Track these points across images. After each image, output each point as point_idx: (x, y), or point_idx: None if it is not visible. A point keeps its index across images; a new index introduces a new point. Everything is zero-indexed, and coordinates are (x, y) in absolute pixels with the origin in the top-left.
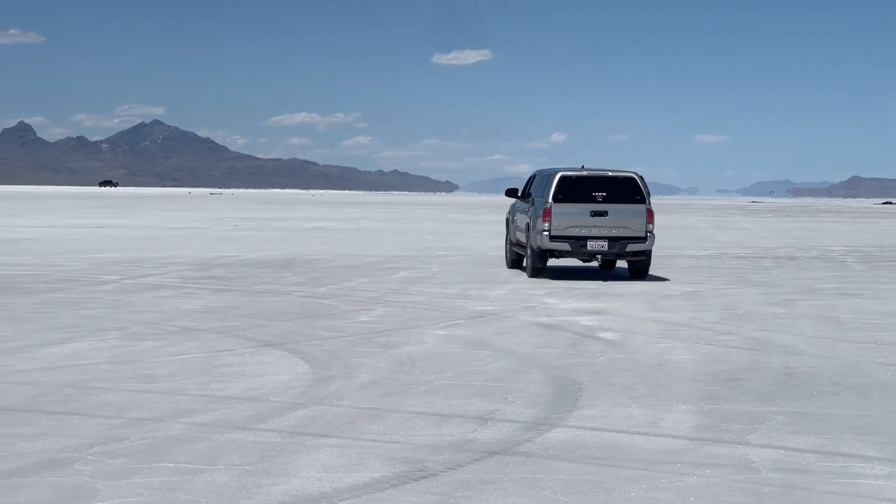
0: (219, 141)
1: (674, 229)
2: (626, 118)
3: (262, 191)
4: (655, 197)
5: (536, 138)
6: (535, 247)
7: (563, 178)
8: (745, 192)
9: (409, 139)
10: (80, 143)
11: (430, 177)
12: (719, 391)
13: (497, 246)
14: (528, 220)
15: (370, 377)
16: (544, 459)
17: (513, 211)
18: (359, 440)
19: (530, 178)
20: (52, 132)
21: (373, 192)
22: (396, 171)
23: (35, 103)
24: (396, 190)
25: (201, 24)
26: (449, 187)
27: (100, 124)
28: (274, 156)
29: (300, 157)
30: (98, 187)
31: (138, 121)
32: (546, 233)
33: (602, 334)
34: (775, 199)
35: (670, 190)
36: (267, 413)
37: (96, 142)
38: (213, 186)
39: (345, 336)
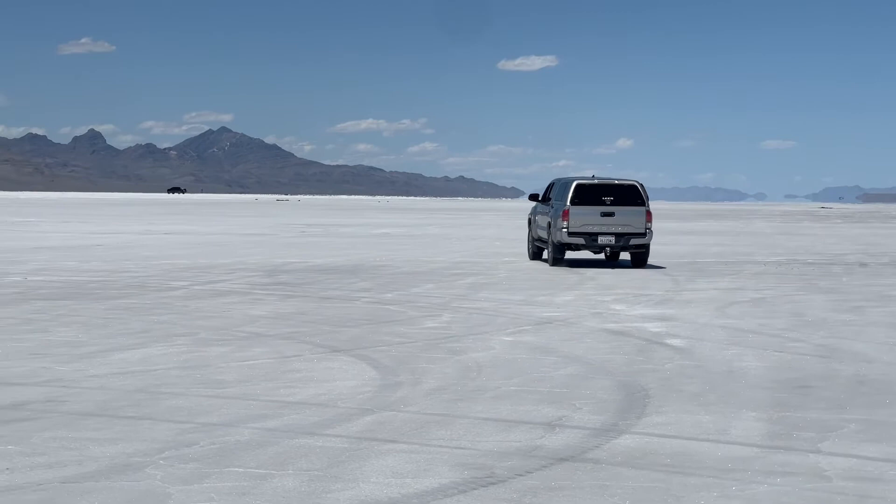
0: (285, 147)
1: (742, 235)
2: (692, 123)
3: (328, 197)
4: (723, 203)
5: (602, 144)
6: (555, 241)
7: (578, 186)
8: (814, 197)
9: (474, 145)
10: (148, 150)
11: (495, 182)
12: (789, 398)
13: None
14: (548, 220)
15: (437, 383)
16: (613, 466)
17: (534, 212)
18: (427, 446)
19: (549, 185)
20: (122, 139)
21: (438, 198)
22: (462, 176)
23: (105, 111)
24: (462, 196)
25: (268, 33)
26: (514, 193)
27: (168, 131)
28: (340, 162)
29: (366, 163)
30: (166, 194)
31: (206, 128)
32: (565, 229)
33: (670, 341)
34: (845, 205)
35: (738, 196)
36: (335, 418)
37: (165, 149)
38: (280, 193)
39: (412, 342)
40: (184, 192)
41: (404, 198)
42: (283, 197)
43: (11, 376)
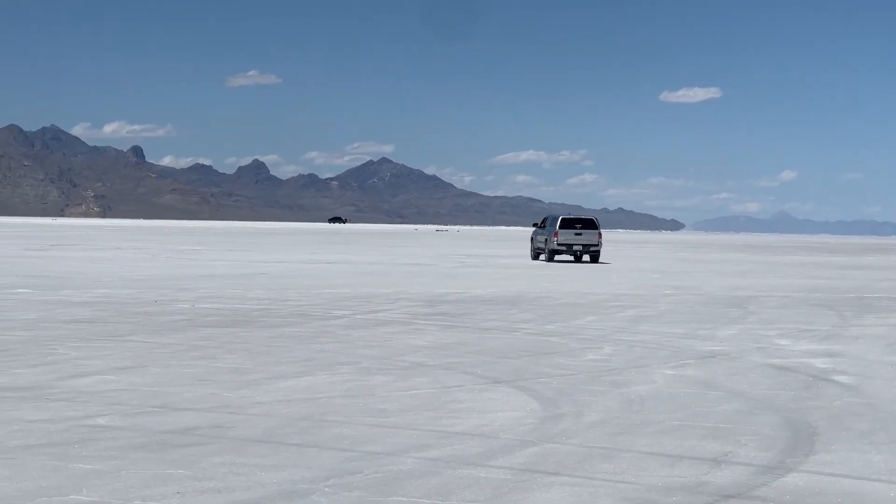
0: (445, 178)
1: None
2: (860, 155)
3: (487, 228)
4: (891, 237)
5: (764, 176)
6: (549, 249)
7: (563, 219)
8: None
9: (634, 177)
10: (310, 180)
11: (655, 215)
12: None
13: (728, 285)
14: (545, 237)
15: (600, 416)
16: None
17: (535, 234)
18: (590, 479)
19: (544, 218)
20: (285, 170)
21: None
22: (621, 208)
23: (270, 142)
24: (621, 228)
25: (431, 65)
26: (674, 226)
27: (330, 162)
28: (500, 193)
29: (525, 194)
30: (327, 223)
31: (367, 158)
32: (555, 242)
33: (837, 377)
34: None
35: None
36: (497, 450)
37: (326, 179)
38: (440, 223)
39: (573, 374)
40: (345, 221)
41: None
42: (443, 227)
43: (181, 402)
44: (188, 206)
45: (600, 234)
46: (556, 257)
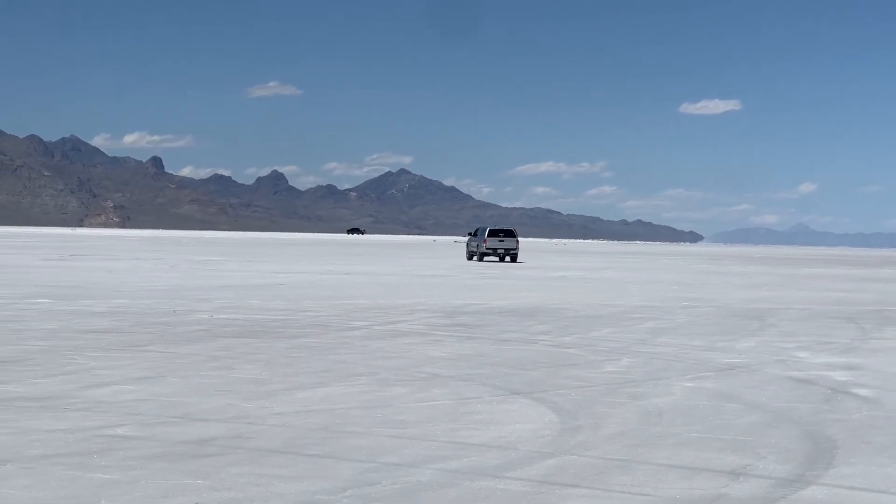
0: (464, 190)
1: None
2: (879, 167)
3: None
4: None
5: (783, 188)
6: (479, 252)
7: (490, 229)
8: None
9: (653, 189)
10: (329, 191)
11: (673, 227)
12: None
13: (747, 298)
14: (477, 243)
15: (618, 428)
16: None
17: (470, 240)
18: (608, 491)
19: (476, 228)
20: (304, 181)
21: (616, 242)
22: (640, 220)
23: (289, 153)
24: (640, 239)
25: (450, 77)
26: (693, 237)
27: (349, 173)
28: (518, 204)
29: (544, 205)
30: (346, 234)
31: (386, 169)
32: (485, 246)
33: (857, 390)
34: None
35: None
36: (515, 461)
37: (345, 190)
38: (458, 234)
39: (591, 386)
40: (363, 232)
41: (581, 241)
42: (461, 239)
43: (199, 412)
44: (207, 216)
45: (517, 241)
46: (485, 258)
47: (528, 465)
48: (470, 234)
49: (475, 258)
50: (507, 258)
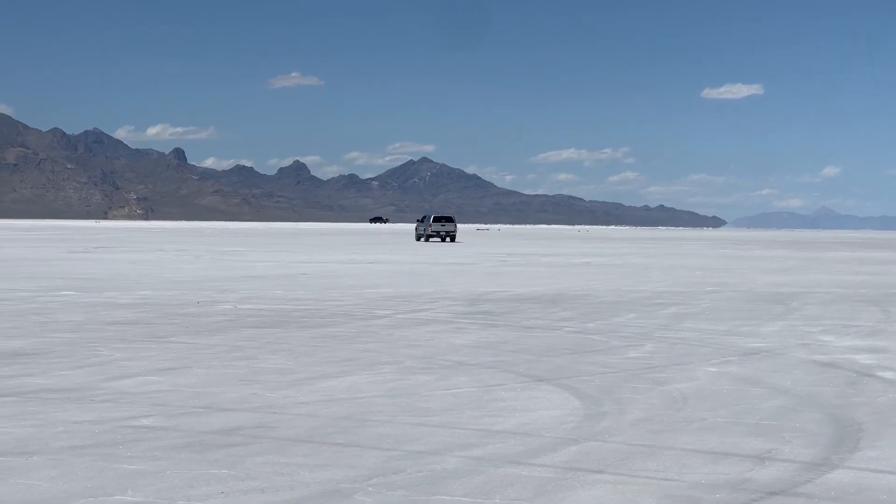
0: (486, 177)
1: None
2: None
3: (527, 226)
4: None
5: (807, 172)
6: (426, 234)
7: (434, 216)
8: None
9: (676, 174)
10: (351, 180)
11: (696, 212)
12: None
13: (771, 282)
14: (423, 227)
15: (642, 413)
16: (826, 501)
17: (418, 225)
18: (633, 477)
19: (424, 215)
20: (326, 171)
21: (639, 228)
22: (662, 206)
23: (311, 143)
24: (663, 225)
25: (472, 65)
26: (716, 222)
27: (371, 162)
28: (540, 192)
29: (566, 192)
30: (368, 223)
31: (408, 158)
32: (430, 230)
33: (882, 373)
34: None
35: None
36: (540, 448)
37: (367, 179)
38: (480, 222)
39: (615, 372)
40: (386, 221)
41: (604, 227)
42: (484, 226)
43: (224, 402)
44: (230, 207)
45: (455, 226)
46: (430, 239)
47: (553, 452)
48: (418, 220)
49: (423, 239)
50: (448, 238)
